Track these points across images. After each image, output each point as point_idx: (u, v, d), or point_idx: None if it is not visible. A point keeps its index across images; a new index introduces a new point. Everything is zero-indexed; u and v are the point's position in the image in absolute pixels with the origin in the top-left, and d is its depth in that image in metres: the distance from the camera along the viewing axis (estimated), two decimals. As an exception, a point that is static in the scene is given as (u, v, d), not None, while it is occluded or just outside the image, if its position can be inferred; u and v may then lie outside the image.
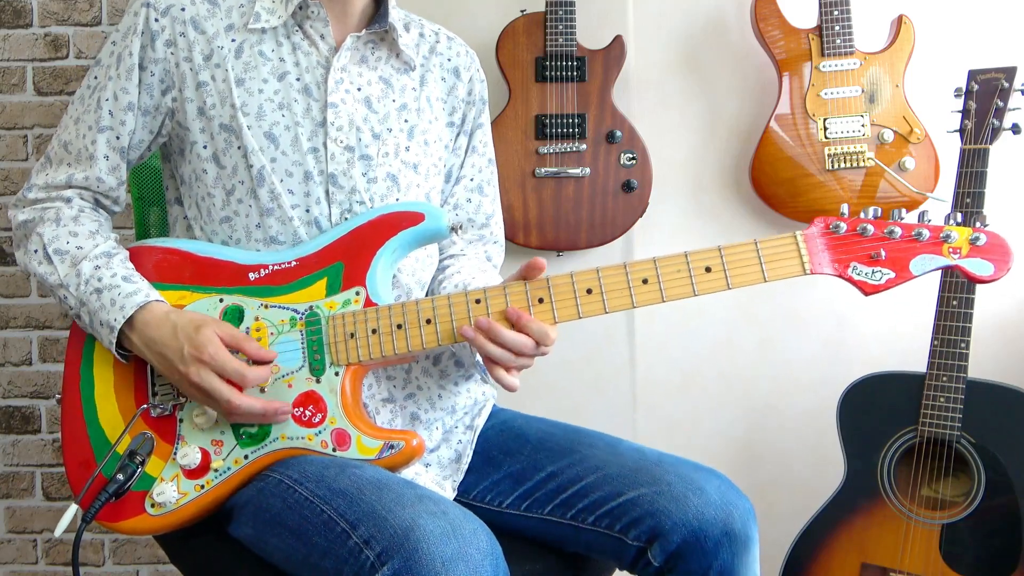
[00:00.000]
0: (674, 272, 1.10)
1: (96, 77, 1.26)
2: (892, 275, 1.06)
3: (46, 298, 2.22)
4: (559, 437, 1.28)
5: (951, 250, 1.05)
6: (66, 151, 1.26)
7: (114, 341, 1.16)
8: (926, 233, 1.05)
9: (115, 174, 1.26)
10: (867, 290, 1.07)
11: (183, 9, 1.23)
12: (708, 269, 1.10)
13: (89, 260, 1.19)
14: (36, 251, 1.22)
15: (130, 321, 1.15)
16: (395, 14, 1.30)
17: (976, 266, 1.05)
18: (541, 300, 1.12)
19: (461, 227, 1.29)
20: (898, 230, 1.06)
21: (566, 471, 1.23)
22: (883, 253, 1.06)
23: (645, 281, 1.11)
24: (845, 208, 1.09)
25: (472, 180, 1.40)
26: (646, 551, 1.16)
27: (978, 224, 1.06)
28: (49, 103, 2.20)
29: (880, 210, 1.08)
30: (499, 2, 2.05)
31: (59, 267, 1.20)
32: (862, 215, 1.08)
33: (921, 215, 1.07)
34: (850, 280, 1.07)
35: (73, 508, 1.17)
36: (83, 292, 1.18)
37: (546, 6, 1.97)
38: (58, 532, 1.17)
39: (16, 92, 2.20)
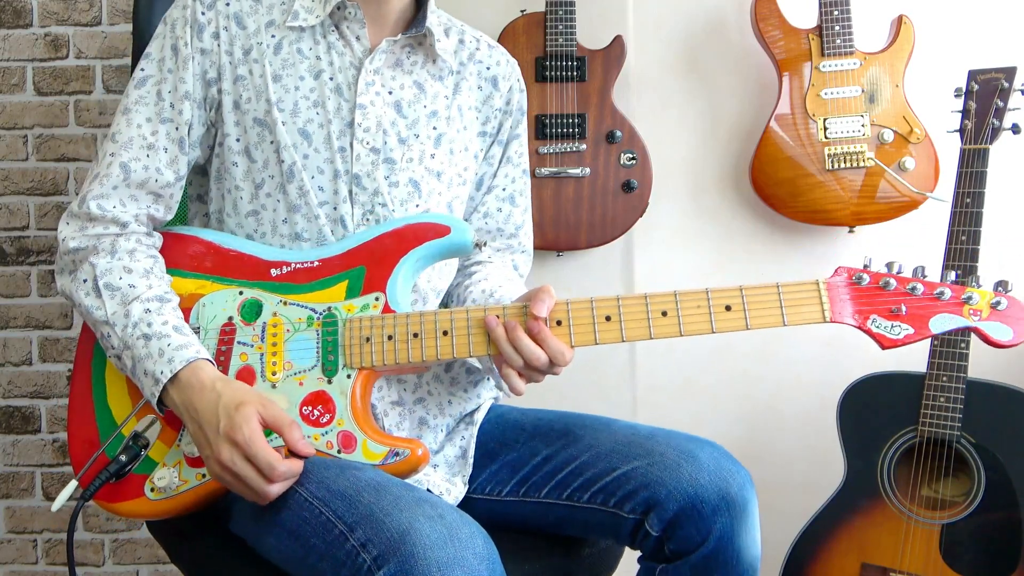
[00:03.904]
0: (694, 307, 1.11)
1: (144, 70, 1.23)
2: (911, 331, 1.07)
3: (46, 298, 2.22)
4: (554, 422, 1.29)
5: (971, 312, 1.06)
6: (113, 142, 1.21)
7: (157, 394, 1.11)
8: (948, 293, 1.06)
9: (173, 167, 1.22)
10: (885, 344, 1.08)
11: (227, 4, 1.23)
12: (728, 308, 1.10)
13: (141, 302, 1.14)
14: (86, 280, 1.17)
15: (175, 377, 1.10)
16: (434, 19, 1.28)
17: (995, 330, 1.06)
18: (559, 322, 1.12)
19: (485, 243, 1.29)
20: (920, 287, 1.07)
21: (561, 452, 1.23)
22: (904, 308, 1.07)
23: (664, 314, 1.11)
24: (869, 259, 1.11)
25: (504, 190, 1.39)
26: (643, 523, 1.16)
27: (1000, 289, 1.07)
28: (49, 103, 2.20)
29: (902, 265, 1.09)
30: (499, 2, 2.05)
31: (108, 303, 1.15)
32: (885, 270, 1.09)
33: (944, 275, 1.09)
34: (869, 332, 1.08)
35: (73, 484, 1.17)
36: (129, 335, 1.13)
37: (546, 6, 1.97)
38: (56, 507, 1.16)
39: (16, 92, 2.20)
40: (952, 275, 1.09)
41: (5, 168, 2.21)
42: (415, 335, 1.15)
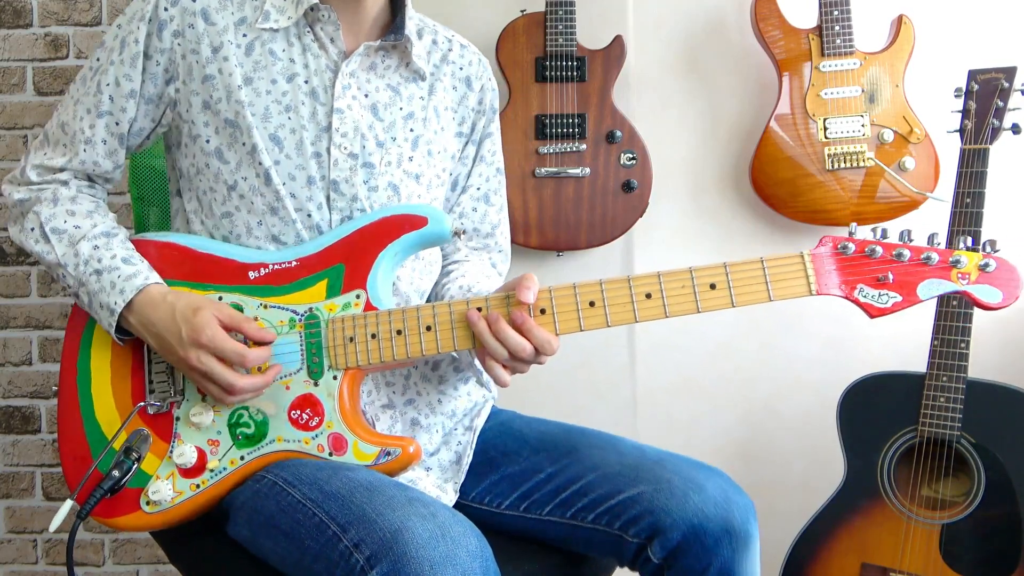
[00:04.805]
0: (678, 288, 1.09)
1: (99, 59, 1.24)
2: (899, 299, 1.04)
3: (46, 298, 2.22)
4: (559, 437, 1.27)
5: (960, 275, 1.03)
6: (63, 132, 1.24)
7: (114, 324, 1.16)
8: (935, 257, 1.04)
9: (112, 158, 1.25)
10: (873, 313, 1.05)
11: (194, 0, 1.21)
12: (713, 286, 1.08)
13: (88, 240, 1.19)
14: (33, 229, 1.22)
15: (129, 304, 1.15)
16: (410, 23, 1.27)
17: (984, 292, 1.03)
18: (543, 311, 1.11)
19: (464, 232, 1.28)
20: (907, 253, 1.04)
21: (565, 471, 1.23)
22: (891, 276, 1.04)
23: (648, 296, 1.09)
24: (854, 227, 1.07)
25: (479, 189, 1.38)
26: (646, 548, 1.16)
27: (988, 250, 1.04)
28: (49, 103, 2.20)
29: (887, 231, 1.06)
30: (499, 2, 2.05)
31: (56, 246, 1.20)
32: (871, 236, 1.06)
33: (931, 238, 1.05)
34: (856, 302, 1.06)
35: (69, 503, 1.17)
36: (82, 272, 1.18)
37: (546, 6, 1.97)
38: (53, 527, 1.17)
39: (16, 92, 2.20)
40: (938, 239, 1.06)
41: (5, 168, 2.21)
42: (398, 332, 1.14)
